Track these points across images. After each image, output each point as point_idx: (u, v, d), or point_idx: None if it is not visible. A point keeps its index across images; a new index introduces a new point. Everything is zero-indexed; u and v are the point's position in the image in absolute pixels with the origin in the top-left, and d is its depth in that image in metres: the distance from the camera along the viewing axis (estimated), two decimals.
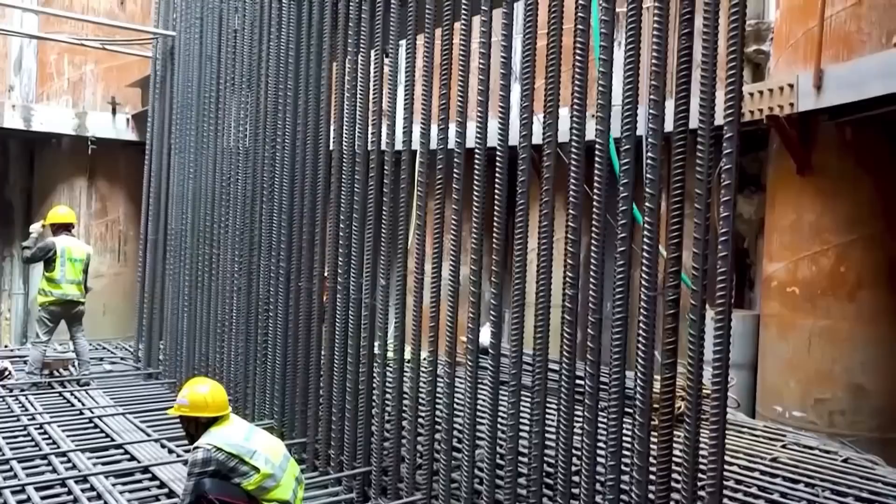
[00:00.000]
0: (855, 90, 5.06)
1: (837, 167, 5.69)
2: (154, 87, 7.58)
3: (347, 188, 4.57)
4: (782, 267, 6.01)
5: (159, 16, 7.46)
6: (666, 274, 2.73)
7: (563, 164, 3.21)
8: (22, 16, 10.30)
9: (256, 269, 5.45)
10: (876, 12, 5.31)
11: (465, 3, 3.63)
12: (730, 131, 2.53)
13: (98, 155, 9.96)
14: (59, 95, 10.17)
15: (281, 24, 5.16)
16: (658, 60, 2.77)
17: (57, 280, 6.64)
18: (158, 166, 7.38)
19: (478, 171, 3.57)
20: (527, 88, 3.36)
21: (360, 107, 4.49)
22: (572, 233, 3.16)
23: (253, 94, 5.56)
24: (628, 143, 2.87)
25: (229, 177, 5.85)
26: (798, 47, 5.70)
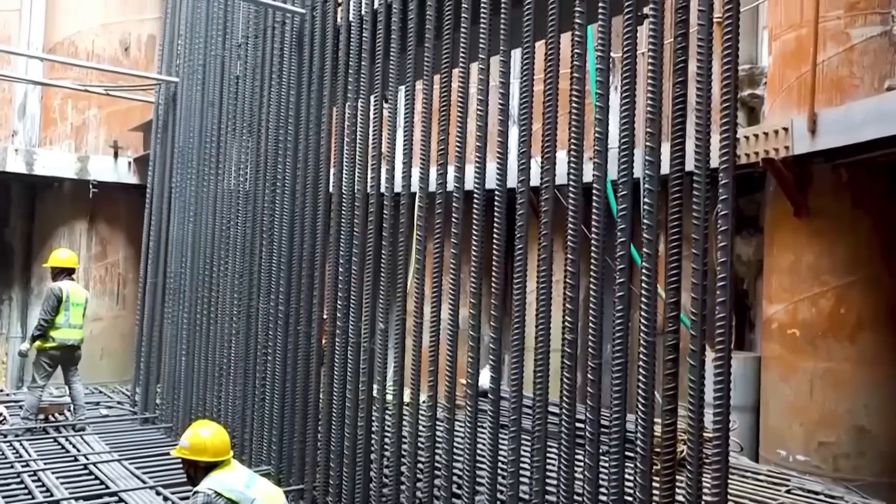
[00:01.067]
0: (849, 134, 5.12)
1: (834, 209, 5.72)
2: (156, 132, 7.66)
3: (347, 231, 4.59)
4: (782, 309, 6.00)
5: (162, 62, 7.59)
6: (665, 316, 2.72)
7: (561, 207, 3.23)
8: (27, 62, 10.48)
9: (255, 313, 5.44)
10: (867, 57, 5.40)
11: (463, 51, 3.70)
12: (725, 177, 2.55)
13: (99, 198, 10.02)
14: (62, 139, 10.27)
15: (282, 70, 5.25)
16: (653, 105, 2.80)
17: (60, 325, 6.61)
18: (159, 209, 7.42)
19: (476, 214, 3.59)
20: (524, 132, 3.40)
21: (359, 150, 4.54)
22: (571, 276, 3.16)
23: (254, 138, 5.62)
24: (625, 186, 2.89)
25: (229, 220, 5.88)
26: (792, 91, 5.79)
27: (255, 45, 5.70)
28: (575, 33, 3.11)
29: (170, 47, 7.50)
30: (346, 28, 4.70)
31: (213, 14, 6.42)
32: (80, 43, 10.30)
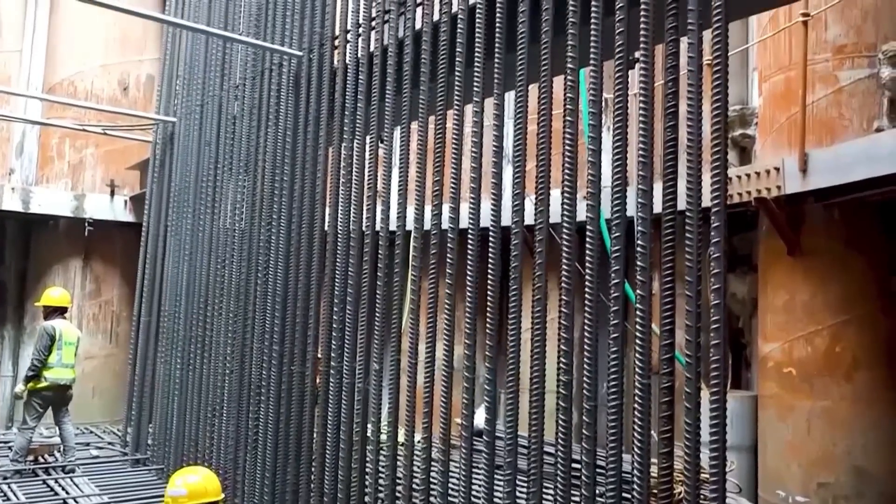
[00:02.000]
0: (839, 174, 5.17)
1: (827, 248, 5.75)
2: (153, 171, 7.71)
3: (342, 269, 4.59)
4: (778, 347, 5.98)
5: (161, 102, 7.67)
6: (660, 354, 2.71)
7: (555, 245, 3.24)
8: (26, 101, 10.58)
9: (249, 353, 5.41)
10: (855, 99, 5.49)
11: (458, 93, 3.75)
12: (717, 220, 2.56)
13: (94, 236, 10.02)
14: (59, 178, 10.31)
15: (279, 111, 5.30)
16: (645, 144, 2.84)
17: (52, 364, 6.56)
18: (154, 248, 7.42)
19: (471, 252, 3.60)
20: (518, 171, 3.43)
21: (355, 189, 4.57)
22: (565, 317, 3.15)
23: (250, 177, 5.65)
24: (618, 224, 2.91)
25: (224, 259, 5.88)
26: (782, 132, 5.86)
27: (252, 86, 5.77)
28: (567, 77, 3.16)
29: (168, 87, 7.59)
30: (343, 70, 4.77)
31: (211, 55, 6.51)
32: (79, 83, 10.41)
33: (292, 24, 5.31)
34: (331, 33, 4.97)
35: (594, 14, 3.03)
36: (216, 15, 6.47)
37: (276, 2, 5.56)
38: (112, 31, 10.46)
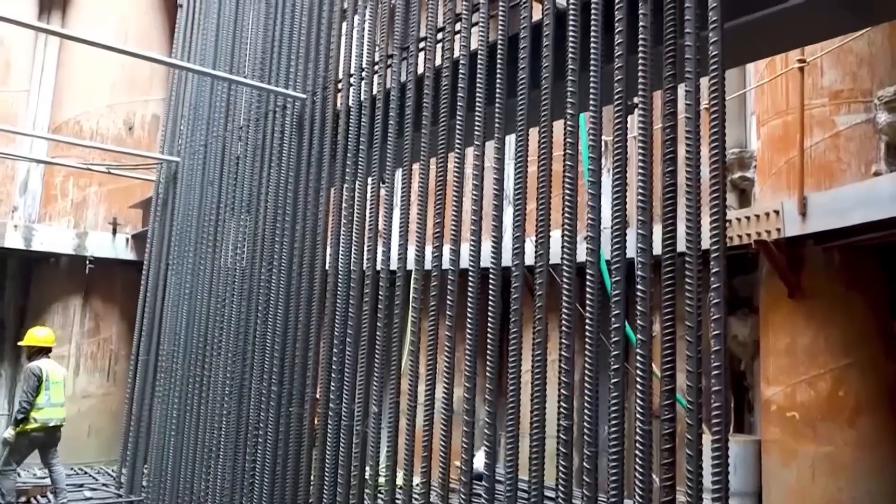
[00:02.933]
0: (838, 217, 5.20)
1: (828, 291, 5.74)
2: (155, 209, 7.75)
3: (342, 310, 4.58)
4: (780, 391, 5.93)
5: (165, 142, 7.75)
6: (661, 397, 2.69)
7: (555, 285, 3.24)
8: (32, 140, 10.69)
9: (247, 393, 5.36)
10: (853, 143, 5.54)
11: (459, 136, 3.79)
12: (716, 266, 2.56)
13: (95, 274, 10.03)
14: (62, 216, 10.36)
15: (282, 152, 5.36)
16: (644, 186, 2.86)
17: (41, 405, 6.49)
18: (155, 286, 7.42)
19: (471, 292, 3.60)
20: (519, 211, 3.45)
21: (356, 230, 4.59)
22: (566, 361, 3.13)
23: (252, 217, 5.68)
24: (619, 266, 2.91)
25: (224, 298, 5.87)
26: (781, 175, 5.91)
27: (256, 127, 5.84)
28: (567, 123, 3.20)
29: (173, 128, 7.67)
30: (346, 113, 4.83)
31: (216, 97, 6.60)
32: (85, 122, 10.54)
33: (296, 67, 5.40)
34: (334, 77, 5.05)
35: (593, 61, 3.08)
36: (222, 58, 6.58)
37: (280, 46, 5.67)
38: (119, 72, 10.62)
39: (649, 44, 2.88)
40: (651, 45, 2.88)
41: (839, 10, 2.90)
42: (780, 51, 4.34)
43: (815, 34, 3.56)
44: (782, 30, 3.14)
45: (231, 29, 6.52)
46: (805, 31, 3.36)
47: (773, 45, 3.69)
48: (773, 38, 3.33)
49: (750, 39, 3.20)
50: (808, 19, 3.00)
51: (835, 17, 3.01)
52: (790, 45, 4.26)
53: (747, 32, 3.07)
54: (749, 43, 3.28)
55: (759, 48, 3.63)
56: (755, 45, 3.44)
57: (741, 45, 3.22)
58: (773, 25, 3.02)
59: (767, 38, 3.29)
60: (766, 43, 3.45)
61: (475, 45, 3.81)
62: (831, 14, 2.94)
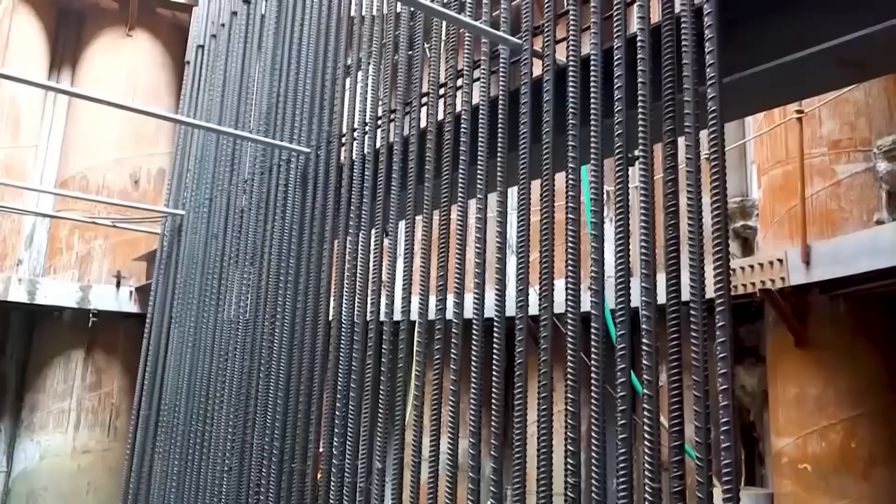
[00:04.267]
0: (843, 266, 5.19)
1: (835, 340, 5.70)
2: (160, 262, 7.77)
3: (345, 361, 4.55)
4: (791, 442, 5.83)
5: (171, 195, 7.82)
6: (670, 448, 2.64)
7: (560, 335, 3.22)
8: (39, 194, 10.81)
9: (249, 449, 5.28)
10: (854, 192, 5.58)
11: (462, 189, 3.82)
12: (722, 319, 2.55)
13: (98, 327, 10.02)
14: (66, 269, 10.41)
15: (286, 204, 5.40)
16: (646, 235, 2.87)
17: None
18: (157, 339, 7.39)
19: (475, 342, 3.57)
20: (522, 261, 3.45)
21: (359, 281, 4.59)
22: (572, 416, 3.09)
23: (255, 270, 5.69)
24: (623, 315, 2.90)
25: (227, 352, 5.83)
26: (783, 223, 5.93)
27: (260, 180, 5.90)
28: (569, 176, 3.22)
29: (178, 181, 7.75)
30: (349, 166, 4.88)
31: (221, 151, 6.69)
32: (91, 176, 10.68)
33: (301, 122, 5.48)
34: (338, 131, 5.12)
35: (593, 115, 3.13)
36: (228, 113, 6.69)
37: (285, 101, 5.76)
38: (126, 126, 10.82)
39: (648, 99, 2.92)
40: (650, 100, 2.92)
41: (836, 66, 2.95)
42: (778, 104, 4.41)
43: (812, 89, 3.61)
44: (780, 85, 3.18)
45: (237, 85, 6.64)
46: (802, 86, 3.42)
47: (771, 100, 3.75)
48: (771, 93, 3.38)
49: (748, 94, 3.25)
50: (806, 75, 3.05)
51: (831, 72, 3.06)
52: (788, 100, 4.33)
53: (745, 87, 3.11)
54: (747, 97, 3.33)
55: (757, 102, 3.69)
56: (753, 100, 3.49)
57: (739, 100, 3.26)
58: (770, 80, 3.07)
59: (765, 93, 3.34)
60: (764, 97, 3.50)
61: (477, 100, 3.87)
62: (828, 69, 2.99)
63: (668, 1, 2.96)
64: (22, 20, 10.69)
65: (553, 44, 3.50)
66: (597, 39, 3.22)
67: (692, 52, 2.79)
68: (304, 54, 5.58)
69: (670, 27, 2.91)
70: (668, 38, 2.90)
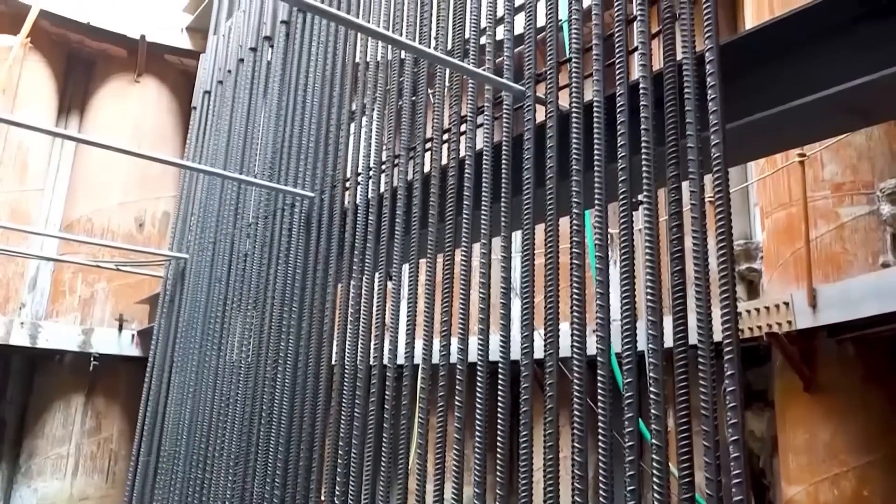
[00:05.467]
0: (849, 309, 5.15)
1: (844, 384, 5.62)
2: (162, 306, 7.75)
3: (348, 406, 4.49)
4: (802, 490, 5.71)
5: (174, 239, 7.84)
6: (679, 498, 2.58)
7: (566, 379, 3.18)
8: (43, 238, 10.85)
9: (249, 498, 5.19)
10: (858, 235, 5.57)
11: (466, 233, 3.82)
12: (731, 367, 2.51)
13: (99, 371, 9.96)
14: (69, 312, 10.39)
15: (290, 248, 5.40)
16: (652, 278, 2.85)
17: None
18: (158, 384, 7.32)
19: (480, 387, 3.53)
20: (527, 304, 3.42)
21: (363, 324, 4.56)
22: (579, 466, 3.03)
23: (258, 314, 5.67)
24: (630, 359, 2.86)
25: (228, 398, 5.77)
26: (788, 266, 5.90)
27: (264, 224, 5.92)
28: (573, 222, 3.22)
29: (183, 225, 7.78)
30: (353, 210, 4.90)
31: (226, 195, 6.73)
32: (97, 219, 10.73)
33: (305, 167, 5.52)
34: (342, 176, 5.15)
35: (597, 161, 3.14)
36: (233, 158, 6.75)
37: (290, 146, 5.82)
38: (132, 170, 10.91)
39: (651, 144, 2.93)
40: (653, 146, 2.93)
41: (839, 113, 2.96)
42: (781, 150, 4.43)
43: (815, 135, 3.63)
44: (783, 131, 3.20)
45: (242, 130, 6.72)
46: (806, 132, 3.43)
47: (774, 145, 3.76)
48: (774, 139, 3.39)
49: (751, 140, 3.26)
50: (809, 121, 3.06)
51: (835, 119, 3.07)
52: (791, 145, 4.35)
53: (748, 133, 3.12)
54: (750, 143, 3.34)
55: (760, 148, 3.70)
56: (756, 145, 3.50)
57: (742, 145, 3.27)
58: (773, 127, 3.08)
59: (768, 139, 3.35)
60: (767, 143, 3.51)
61: (480, 145, 3.90)
62: (831, 115, 3.00)
63: (669, 48, 3.00)
64: (32, 67, 10.88)
65: (556, 90, 3.54)
66: (599, 86, 3.25)
67: (695, 98, 2.81)
68: (309, 100, 5.65)
69: (672, 74, 2.94)
70: (671, 85, 2.93)
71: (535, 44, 3.77)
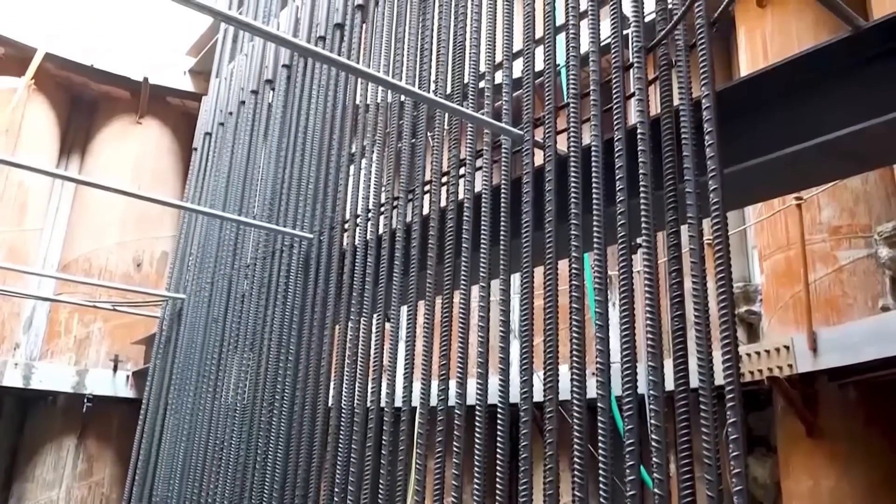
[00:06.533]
0: (850, 354, 5.12)
1: (847, 429, 5.56)
2: (158, 346, 7.69)
3: (345, 449, 4.42)
4: None
5: (172, 279, 7.82)
6: None
7: (565, 423, 3.14)
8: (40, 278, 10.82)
9: None
10: (856, 278, 5.57)
11: (465, 275, 3.82)
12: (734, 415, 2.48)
13: (92, 412, 9.83)
14: (64, 352, 10.30)
15: (287, 289, 5.38)
16: (652, 321, 2.83)
17: None
18: (152, 426, 7.22)
19: (479, 430, 3.48)
20: (526, 346, 3.40)
21: (360, 366, 4.52)
22: (580, 501, 2.98)
23: (255, 355, 5.62)
24: (630, 403, 2.83)
25: (223, 441, 5.69)
26: (788, 309, 5.89)
27: (262, 265, 5.91)
28: (572, 266, 3.21)
29: (181, 265, 7.77)
30: (352, 252, 4.89)
31: (225, 236, 6.73)
32: (95, 259, 10.72)
33: (304, 208, 5.54)
34: (341, 217, 5.16)
35: (595, 204, 3.15)
36: (232, 199, 6.78)
37: (289, 188, 5.84)
38: (131, 210, 10.94)
39: (650, 188, 2.94)
40: (652, 190, 2.94)
41: (836, 159, 2.98)
42: (778, 195, 4.45)
43: (812, 180, 3.64)
44: (780, 176, 3.21)
45: (242, 171, 6.75)
46: (803, 178, 3.44)
47: (772, 190, 3.78)
48: (771, 184, 3.40)
49: (748, 184, 3.28)
50: (805, 167, 3.08)
51: (832, 164, 3.09)
52: (788, 190, 4.37)
53: (745, 178, 3.13)
54: (747, 188, 3.35)
55: (757, 193, 3.71)
56: (753, 190, 3.51)
57: (739, 190, 3.28)
58: (770, 172, 3.09)
59: (765, 184, 3.36)
60: (764, 188, 3.52)
61: (479, 188, 3.91)
62: (828, 162, 3.02)
63: (666, 94, 3.03)
64: (35, 108, 10.99)
65: (554, 134, 3.56)
66: (597, 131, 3.28)
67: (692, 143, 2.83)
68: (309, 141, 5.70)
69: (669, 119, 2.97)
70: (668, 130, 2.95)
71: (534, 88, 3.82)
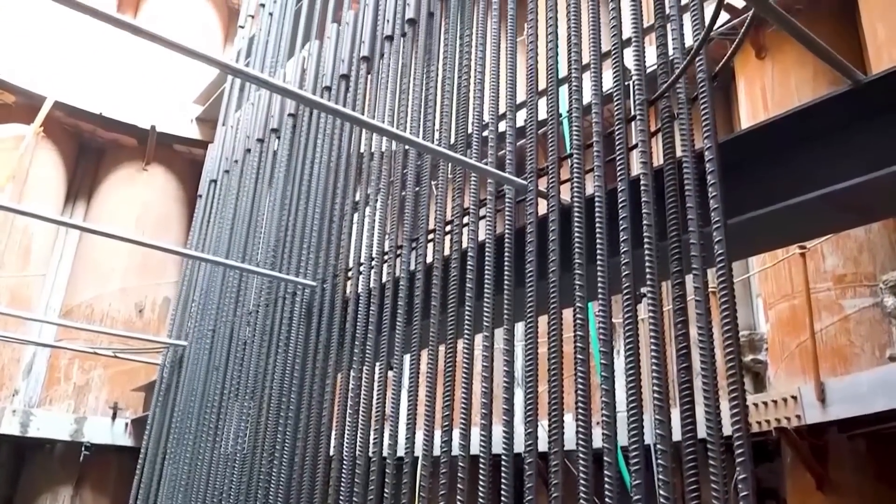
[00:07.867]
0: (859, 405, 5.05)
1: (857, 483, 5.45)
2: (158, 394, 7.61)
3: (346, 499, 4.34)
4: None
5: (174, 325, 7.78)
6: None
7: (571, 474, 3.08)
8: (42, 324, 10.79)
9: None
10: (863, 327, 5.53)
11: (468, 324, 3.80)
12: (743, 471, 2.43)
13: (90, 461, 9.68)
14: (63, 399, 10.20)
15: (290, 337, 5.35)
16: (658, 369, 2.80)
17: None
18: (150, 475, 7.10)
19: (483, 480, 3.42)
20: (530, 394, 3.36)
21: (362, 415, 4.46)
22: None
23: (255, 404, 5.56)
24: (637, 453, 2.78)
25: (221, 491, 5.59)
26: (794, 358, 5.83)
27: (265, 313, 5.89)
28: (577, 316, 3.20)
29: (183, 312, 7.75)
30: (355, 300, 4.88)
31: (228, 282, 6.73)
32: (97, 305, 10.70)
33: (307, 256, 5.54)
34: (344, 265, 5.16)
35: (599, 254, 3.15)
36: (235, 246, 6.79)
37: (293, 236, 5.86)
38: (134, 256, 10.96)
39: (654, 238, 2.94)
40: (656, 240, 2.94)
41: (838, 211, 2.98)
42: (781, 246, 4.45)
43: (815, 231, 3.63)
44: (783, 227, 3.21)
45: (246, 218, 6.79)
46: (805, 229, 3.44)
47: (775, 241, 3.77)
48: (775, 235, 3.40)
49: (751, 235, 3.28)
50: (808, 219, 3.08)
51: (834, 216, 3.09)
52: (791, 241, 4.37)
53: (748, 229, 3.13)
54: (750, 239, 3.35)
55: (760, 243, 3.71)
56: (756, 241, 3.51)
57: (742, 241, 3.28)
58: (773, 223, 3.09)
59: (769, 235, 3.36)
60: (767, 239, 3.52)
61: (483, 237, 3.92)
62: (831, 213, 3.02)
63: (668, 146, 3.06)
64: (43, 154, 11.12)
65: (558, 185, 3.58)
66: (601, 182, 3.30)
67: (695, 194, 2.84)
68: (314, 189, 5.73)
69: (672, 170, 2.99)
70: (671, 181, 2.97)
71: (537, 138, 3.86)
